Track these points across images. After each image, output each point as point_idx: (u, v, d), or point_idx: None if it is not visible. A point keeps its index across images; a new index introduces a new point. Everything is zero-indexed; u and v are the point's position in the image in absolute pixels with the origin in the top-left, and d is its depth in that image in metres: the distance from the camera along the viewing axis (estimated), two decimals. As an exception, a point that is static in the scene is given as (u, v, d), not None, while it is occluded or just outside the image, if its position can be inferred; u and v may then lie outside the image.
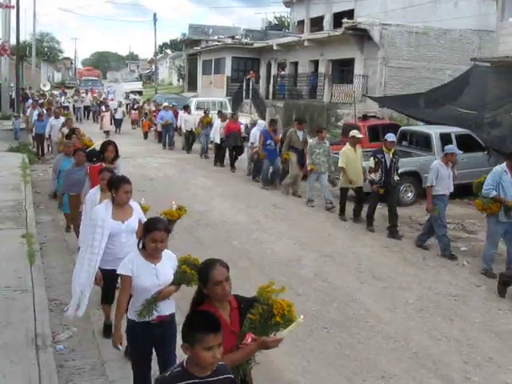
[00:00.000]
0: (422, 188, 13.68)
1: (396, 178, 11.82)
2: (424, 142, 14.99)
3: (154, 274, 4.58)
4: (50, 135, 19.07)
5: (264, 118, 27.21)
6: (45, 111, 22.44)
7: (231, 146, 19.32)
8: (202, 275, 3.66)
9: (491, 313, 7.83)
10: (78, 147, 10.05)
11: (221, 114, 21.14)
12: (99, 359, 6.03)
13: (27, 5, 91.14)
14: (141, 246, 4.68)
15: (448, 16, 27.14)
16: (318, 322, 7.18)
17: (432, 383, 5.87)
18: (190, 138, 23.87)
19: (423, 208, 11.30)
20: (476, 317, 7.64)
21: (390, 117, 21.88)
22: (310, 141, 14.44)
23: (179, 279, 4.65)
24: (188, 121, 23.50)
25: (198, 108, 28.19)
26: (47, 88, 46.25)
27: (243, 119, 22.94)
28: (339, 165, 12.64)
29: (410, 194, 14.25)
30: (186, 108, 24.45)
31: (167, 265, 4.67)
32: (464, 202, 14.29)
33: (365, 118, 18.45)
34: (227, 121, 19.85)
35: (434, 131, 14.78)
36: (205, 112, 23.08)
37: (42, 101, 31.00)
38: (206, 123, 21.89)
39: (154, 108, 31.03)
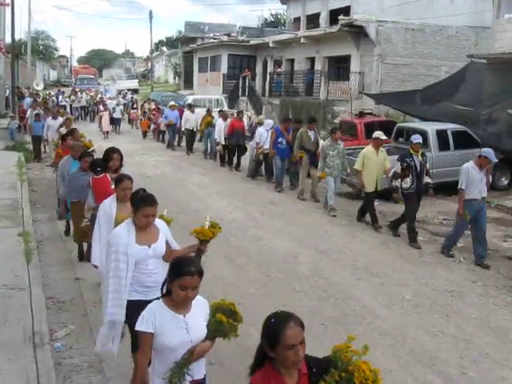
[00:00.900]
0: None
1: (428, 180, 11.08)
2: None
3: (183, 328, 3.67)
4: (47, 136, 18.01)
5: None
6: (41, 111, 21.73)
7: (234, 145, 18.75)
8: (271, 335, 2.92)
9: (487, 309, 7.86)
10: (86, 153, 9.40)
11: (222, 113, 20.38)
12: (97, 357, 6.02)
13: (22, 2, 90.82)
14: (164, 290, 3.78)
15: (444, 13, 27.15)
16: (314, 319, 7.19)
17: (428, 379, 5.89)
18: (191, 138, 23.01)
19: (421, 204, 11.29)
20: (472, 313, 7.67)
21: (387, 114, 21.91)
22: (323, 142, 13.62)
23: (214, 332, 3.75)
24: (189, 120, 22.66)
25: (194, 106, 28.16)
26: (40, 87, 45.13)
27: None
28: (355, 166, 12.01)
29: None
30: (190, 107, 23.70)
31: (199, 315, 3.76)
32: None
33: (361, 114, 18.45)
34: (229, 119, 19.27)
35: (431, 128, 14.80)
36: (207, 111, 22.42)
37: (38, 100, 30.75)
38: (207, 124, 21.17)
39: (153, 107, 30.44)
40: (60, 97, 38.21)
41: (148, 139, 28.30)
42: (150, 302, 4.07)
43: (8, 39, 32.98)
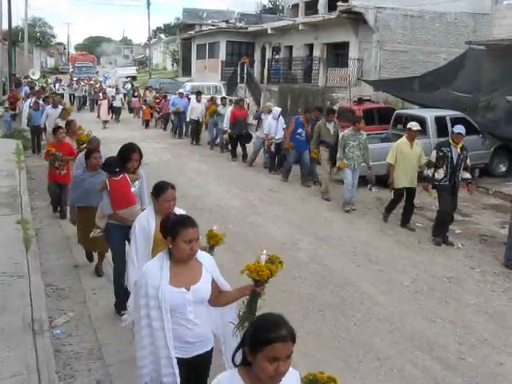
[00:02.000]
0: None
1: (467, 175, 10.28)
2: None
3: None
4: (45, 125, 16.68)
5: (259, 103, 27.14)
6: (41, 101, 20.24)
7: (236, 135, 18.03)
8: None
9: (485, 295, 7.88)
10: (93, 147, 8.30)
11: (224, 101, 20.01)
12: (96, 343, 6.05)
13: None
14: (238, 359, 2.79)
15: (443, -1, 27.02)
16: (313, 305, 7.21)
17: (427, 364, 5.92)
18: (196, 128, 21.87)
19: (417, 192, 11.27)
20: (470, 299, 7.70)
21: (385, 100, 21.85)
22: (345, 131, 12.31)
23: None
24: (195, 109, 21.58)
25: (192, 93, 28.05)
26: (36, 77, 42.48)
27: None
28: (387, 160, 11.04)
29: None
30: (198, 95, 22.20)
31: None
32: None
33: (360, 101, 18.40)
34: (230, 107, 18.92)
35: (429, 114, 14.77)
36: (211, 99, 21.76)
37: (37, 88, 30.21)
38: (212, 112, 20.38)
39: (154, 94, 29.66)
40: (57, 85, 37.37)
41: (151, 129, 27.44)
42: (190, 360, 3.77)
43: (5, 26, 32.79)
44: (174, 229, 3.74)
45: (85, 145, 9.94)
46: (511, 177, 15.23)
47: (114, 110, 29.53)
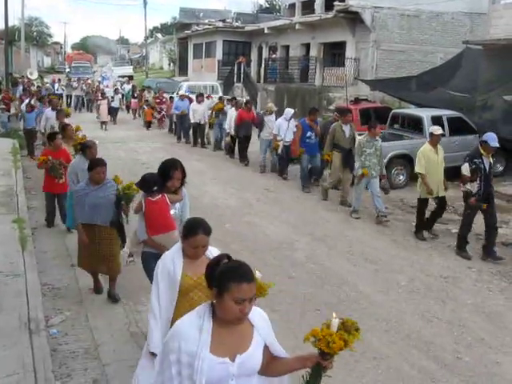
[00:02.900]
0: (414, 171, 13.76)
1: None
2: (416, 125, 15.00)
3: None
4: (44, 129, 15.41)
5: (255, 102, 27.09)
6: (37, 102, 20.01)
7: (242, 137, 17.53)
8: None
9: (482, 294, 7.89)
10: (99, 159, 7.18)
11: (235, 102, 19.21)
12: (93, 343, 6.04)
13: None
14: None
15: (440, -1, 27.05)
16: (310, 305, 7.21)
17: (424, 364, 5.92)
18: (198, 131, 21.03)
19: (414, 191, 11.29)
20: (467, 298, 7.70)
21: (382, 100, 21.86)
22: (360, 138, 11.65)
23: None
24: (196, 111, 20.56)
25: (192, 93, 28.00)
26: (34, 76, 41.79)
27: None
28: (416, 170, 10.33)
29: (401, 177, 14.29)
30: (198, 96, 21.32)
31: None
32: (455, 184, 14.30)
33: (356, 101, 18.41)
34: (232, 109, 18.49)
35: (426, 114, 14.79)
36: (219, 98, 21.22)
37: (33, 88, 29.86)
38: (218, 110, 19.95)
39: (153, 95, 29.04)
40: (56, 85, 36.63)
41: (151, 129, 26.72)
42: None
43: (1, 25, 32.76)
44: (222, 281, 2.88)
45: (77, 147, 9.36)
46: (508, 176, 15.25)
47: (112, 111, 28.62)
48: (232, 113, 18.20)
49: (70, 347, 5.95)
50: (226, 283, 2.85)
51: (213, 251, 4.09)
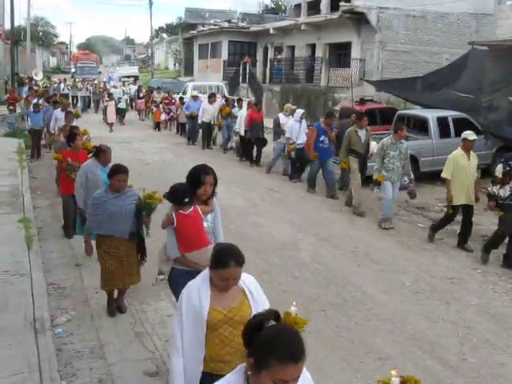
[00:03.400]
0: (419, 172, 13.76)
1: None
2: (421, 126, 14.98)
3: None
4: (54, 130, 14.97)
5: (261, 102, 27.07)
6: (45, 102, 19.75)
7: (253, 138, 17.20)
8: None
9: (487, 295, 7.87)
10: (120, 166, 6.55)
11: (247, 103, 19.17)
12: (98, 342, 6.05)
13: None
14: None
15: (445, -1, 27.02)
16: (315, 305, 7.21)
17: (428, 365, 5.91)
18: (208, 131, 20.66)
19: (419, 191, 11.27)
20: (472, 299, 7.69)
21: (387, 101, 21.86)
22: (384, 140, 11.02)
23: None
24: (207, 110, 20.27)
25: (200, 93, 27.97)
26: (40, 77, 40.61)
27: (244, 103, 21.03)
28: (442, 175, 9.91)
29: (406, 178, 14.22)
30: (210, 97, 20.93)
31: None
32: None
33: (362, 101, 18.41)
34: (244, 108, 18.25)
35: (431, 115, 14.78)
36: (226, 100, 20.98)
37: (36, 88, 29.65)
38: (226, 114, 19.59)
39: (165, 95, 28.06)
40: (62, 85, 36.17)
41: (164, 132, 26.02)
42: None
43: (7, 25, 32.82)
44: (262, 355, 2.31)
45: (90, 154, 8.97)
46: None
47: (119, 112, 28.06)
48: (242, 113, 17.88)
49: (76, 347, 5.96)
50: (268, 360, 2.27)
51: (246, 280, 3.62)
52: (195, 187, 5.04)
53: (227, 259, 3.46)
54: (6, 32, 33.37)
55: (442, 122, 14.54)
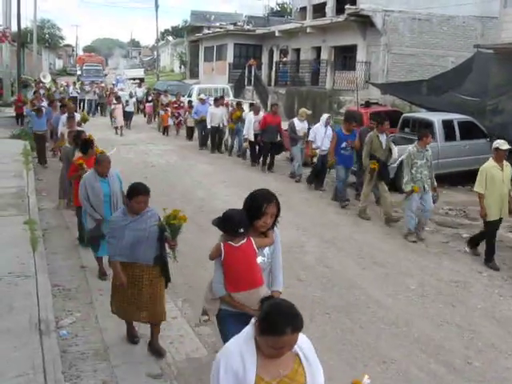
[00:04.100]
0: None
1: None
2: (426, 129, 14.94)
3: None
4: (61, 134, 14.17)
5: (266, 105, 27.10)
6: (46, 105, 19.56)
7: (268, 144, 16.56)
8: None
9: (493, 299, 7.85)
10: (141, 184, 5.76)
11: (254, 107, 18.49)
12: (102, 344, 6.06)
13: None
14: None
15: (451, 2, 26.91)
16: (319, 308, 7.20)
17: (433, 368, 5.90)
18: (217, 136, 20.35)
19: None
20: (478, 303, 7.66)
21: (393, 103, 21.84)
22: (410, 148, 10.44)
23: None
24: (215, 115, 19.85)
25: (199, 95, 28.00)
26: (48, 80, 40.50)
27: (245, 106, 21.38)
28: (475, 189, 9.27)
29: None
30: (216, 100, 20.66)
31: None
32: (466, 188, 14.30)
33: (367, 104, 18.40)
34: (261, 113, 17.53)
35: (437, 118, 14.76)
36: (237, 104, 20.29)
37: (43, 92, 29.30)
38: (236, 118, 19.02)
39: (174, 99, 27.25)
40: (70, 88, 35.73)
41: (169, 136, 25.33)
42: None
43: (14, 28, 32.92)
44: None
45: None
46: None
47: (127, 116, 27.23)
48: (251, 117, 17.33)
49: (80, 348, 5.97)
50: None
51: (300, 341, 2.88)
52: (253, 217, 4.26)
53: (282, 326, 2.70)
54: (12, 34, 33.46)
55: (447, 125, 14.52)
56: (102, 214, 7.53)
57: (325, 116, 14.56)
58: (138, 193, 5.58)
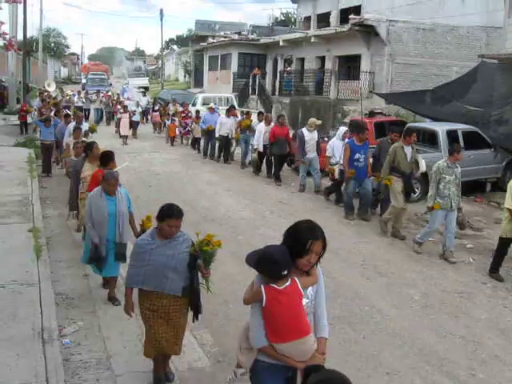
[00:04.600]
0: (429, 185, 13.70)
1: None
2: (431, 139, 14.95)
3: None
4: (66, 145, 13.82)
5: (262, 113, 27.10)
6: (53, 114, 19.38)
7: (277, 156, 16.19)
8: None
9: (497, 310, 7.82)
10: (173, 206, 5.14)
11: (264, 116, 17.77)
12: (105, 353, 6.05)
13: (34, 0, 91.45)
14: None
15: (455, 12, 27.04)
16: (323, 318, 7.18)
17: (437, 380, 5.87)
18: (226, 145, 19.79)
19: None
20: (481, 314, 7.64)
21: (397, 113, 21.84)
22: (439, 163, 9.89)
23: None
24: (224, 124, 19.36)
25: (204, 104, 28.09)
26: (52, 88, 40.06)
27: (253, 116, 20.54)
28: (505, 205, 8.83)
29: (416, 191, 14.21)
30: (229, 110, 20.04)
31: None
32: (470, 199, 14.28)
33: (371, 114, 18.40)
34: (272, 124, 16.86)
35: (441, 128, 14.75)
36: (247, 113, 19.87)
37: (48, 100, 29.00)
38: (245, 127, 18.67)
39: (181, 108, 26.36)
40: (76, 97, 34.93)
41: (175, 146, 24.87)
42: None
43: (20, 36, 33.08)
44: None
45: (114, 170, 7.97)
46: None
47: (133, 125, 26.73)
48: (261, 128, 16.87)
49: (83, 357, 5.97)
50: None
51: None
52: (295, 254, 3.74)
53: None
54: (18, 43, 33.62)
55: (451, 135, 14.51)
56: (103, 234, 7.06)
57: (342, 129, 13.90)
58: (170, 215, 4.99)
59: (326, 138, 16.10)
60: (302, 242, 3.68)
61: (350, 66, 29.31)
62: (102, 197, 7.10)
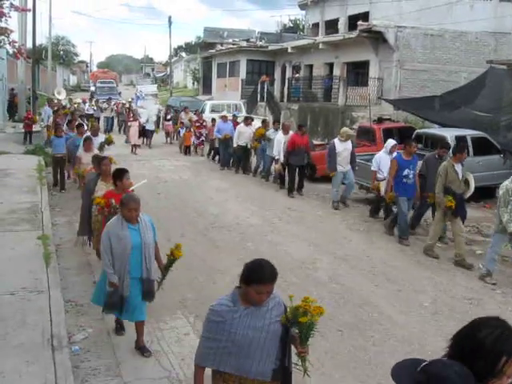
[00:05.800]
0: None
1: None
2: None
3: None
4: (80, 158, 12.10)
5: (278, 121, 27.19)
6: (65, 125, 17.98)
7: (295, 166, 15.43)
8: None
9: (506, 316, 7.66)
10: (264, 265, 3.67)
11: (283, 125, 16.86)
12: (114, 360, 6.06)
13: (43, 8, 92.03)
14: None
15: (464, 18, 27.04)
16: (332, 325, 7.16)
17: (447, 387, 5.83)
18: (245, 155, 19.17)
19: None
20: (491, 320, 7.58)
21: (405, 119, 21.82)
22: (507, 183, 8.82)
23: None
24: (243, 133, 18.77)
25: (212, 111, 28.16)
26: (62, 96, 39.32)
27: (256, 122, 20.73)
28: None
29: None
30: (246, 120, 19.53)
31: None
32: (480, 204, 14.24)
33: (380, 120, 18.40)
34: (291, 132, 16.11)
35: (450, 134, 14.71)
36: (263, 121, 19.36)
37: (55, 108, 27.88)
38: (259, 136, 17.93)
39: (195, 117, 25.19)
40: (86, 105, 34.07)
41: (190, 155, 23.94)
42: None
43: (29, 44, 33.28)
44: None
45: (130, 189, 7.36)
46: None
47: (147, 134, 25.86)
48: (280, 138, 16.02)
49: (92, 364, 5.98)
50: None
51: None
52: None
53: None
54: (27, 51, 33.82)
55: (460, 141, 14.47)
56: (126, 270, 5.92)
57: (391, 142, 12.58)
58: (260, 280, 3.65)
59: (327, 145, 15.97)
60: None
61: (358, 73, 29.31)
62: (123, 226, 5.91)
